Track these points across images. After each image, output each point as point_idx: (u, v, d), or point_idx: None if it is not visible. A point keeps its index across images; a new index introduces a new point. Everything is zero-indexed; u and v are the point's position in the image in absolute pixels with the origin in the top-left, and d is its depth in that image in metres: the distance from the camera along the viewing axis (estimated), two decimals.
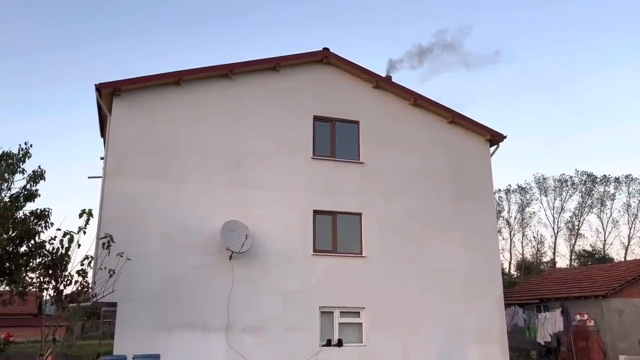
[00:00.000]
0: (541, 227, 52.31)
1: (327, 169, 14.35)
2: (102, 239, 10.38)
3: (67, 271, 10.20)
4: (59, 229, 10.08)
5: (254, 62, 14.29)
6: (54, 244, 10.12)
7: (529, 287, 25.22)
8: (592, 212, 50.37)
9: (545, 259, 50.97)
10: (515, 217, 51.97)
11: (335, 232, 14.05)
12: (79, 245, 10.01)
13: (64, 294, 10.32)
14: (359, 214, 14.31)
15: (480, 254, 14.88)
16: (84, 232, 9.98)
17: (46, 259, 10.21)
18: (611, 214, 49.81)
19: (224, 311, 12.42)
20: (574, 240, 50.13)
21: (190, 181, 13.08)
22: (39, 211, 10.45)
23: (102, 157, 14.31)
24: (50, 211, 10.52)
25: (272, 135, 14.03)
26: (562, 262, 49.22)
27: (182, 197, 12.90)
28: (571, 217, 50.61)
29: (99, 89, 12.66)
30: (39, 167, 10.73)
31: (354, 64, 15.13)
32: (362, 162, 14.71)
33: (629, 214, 49.11)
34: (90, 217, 9.94)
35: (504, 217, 51.28)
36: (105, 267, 10.23)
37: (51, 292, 10.30)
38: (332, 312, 13.46)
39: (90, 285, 10.73)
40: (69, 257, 10.10)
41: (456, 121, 15.74)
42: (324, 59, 14.99)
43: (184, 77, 13.56)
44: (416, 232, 14.57)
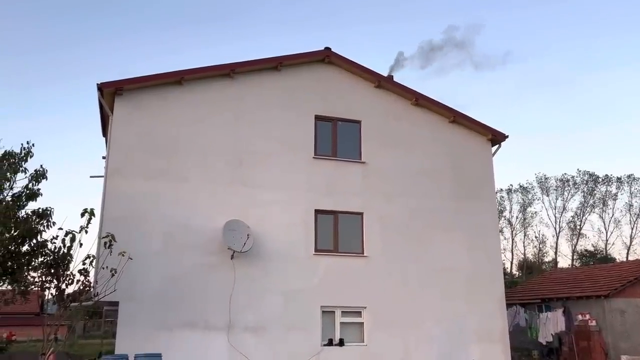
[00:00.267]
0: (543, 226, 52.40)
1: (328, 169, 14.34)
2: (103, 238, 10.38)
3: (69, 270, 10.19)
4: (60, 228, 10.08)
5: (255, 61, 14.30)
6: (55, 243, 10.11)
7: (530, 287, 25.19)
8: (594, 212, 50.40)
9: (547, 259, 50.98)
10: (517, 217, 52.02)
11: (336, 232, 14.05)
12: (81, 244, 10.01)
13: (66, 293, 10.32)
14: (361, 214, 14.30)
15: (481, 253, 14.87)
16: (86, 232, 9.97)
17: (48, 258, 10.21)
18: (613, 214, 49.84)
19: (225, 310, 12.43)
20: (575, 240, 50.14)
21: (191, 180, 13.09)
22: (41, 210, 10.45)
23: (104, 157, 14.33)
24: (52, 210, 10.54)
25: (273, 134, 14.03)
26: (564, 262, 49.25)
27: (184, 197, 12.91)
28: (573, 217, 50.63)
29: (101, 88, 12.67)
30: (41, 166, 10.75)
31: (355, 63, 15.12)
32: (363, 162, 14.70)
33: (631, 214, 49.15)
34: (92, 217, 9.93)
35: (505, 216, 51.29)
36: (107, 267, 10.23)
37: (53, 291, 10.30)
38: (333, 312, 13.46)
39: (92, 284, 10.72)
40: (71, 256, 10.09)
41: (458, 121, 15.72)
42: (326, 58, 14.99)
43: (186, 77, 13.57)
44: (418, 232, 14.56)
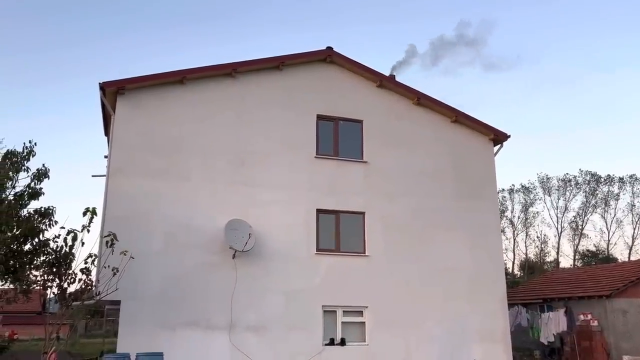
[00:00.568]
0: (545, 227, 52.44)
1: (330, 168, 14.34)
2: (105, 237, 10.38)
3: (71, 269, 10.19)
4: (63, 227, 10.08)
5: (257, 61, 14.30)
6: (58, 242, 10.10)
7: (532, 287, 25.16)
8: (596, 212, 50.27)
9: (548, 259, 50.88)
10: (518, 217, 51.94)
11: (338, 231, 14.05)
12: (83, 243, 9.99)
13: (68, 292, 10.33)
14: (362, 213, 14.30)
15: (483, 253, 14.86)
16: (88, 231, 9.97)
17: (50, 257, 10.20)
18: (615, 214, 49.72)
19: (227, 310, 12.43)
20: (577, 240, 50.04)
21: (193, 180, 13.10)
22: (43, 209, 10.45)
23: (106, 156, 14.35)
24: (54, 209, 10.52)
25: (275, 134, 14.03)
26: (566, 262, 49.16)
27: (186, 196, 12.92)
28: (575, 217, 50.53)
29: (103, 87, 12.69)
30: (43, 165, 10.74)
31: (357, 62, 15.12)
32: (365, 161, 14.70)
33: (633, 214, 49.02)
34: (94, 216, 9.93)
35: (507, 216, 51.23)
36: (108, 266, 10.23)
37: (55, 290, 10.30)
38: (335, 311, 13.46)
39: (93, 283, 10.74)
40: (73, 255, 10.09)
41: (460, 120, 15.71)
42: (328, 57, 14.99)
43: (188, 76, 13.58)
44: (419, 232, 14.55)
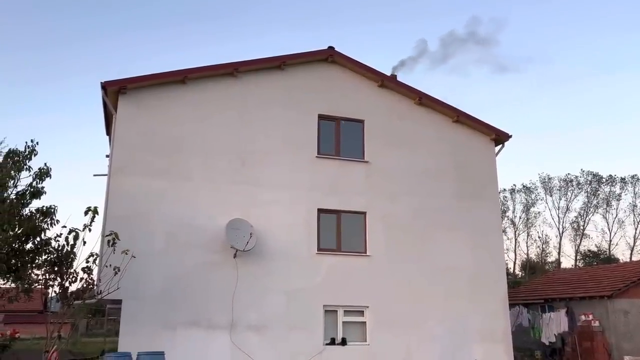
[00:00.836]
0: (546, 227, 52.20)
1: (331, 168, 14.34)
2: (107, 236, 10.39)
3: (72, 268, 10.19)
4: (64, 226, 10.08)
5: (259, 60, 14.30)
6: (59, 241, 10.12)
7: (533, 287, 25.13)
8: (597, 213, 50.19)
9: (550, 259, 50.84)
10: (520, 217, 51.89)
11: (339, 231, 14.06)
12: (84, 242, 10.00)
13: (69, 291, 10.35)
14: (364, 213, 14.30)
15: (485, 253, 14.85)
16: (90, 230, 9.98)
17: (52, 256, 10.21)
18: (617, 215, 49.63)
19: (228, 309, 12.44)
20: (579, 240, 49.97)
21: (195, 179, 13.11)
22: (44, 208, 10.45)
23: (107, 155, 14.37)
24: (56, 208, 10.53)
25: (276, 133, 14.04)
26: (567, 262, 49.09)
27: (187, 195, 12.93)
28: (576, 217, 50.45)
29: (105, 87, 12.70)
30: (45, 164, 10.74)
31: (359, 62, 15.11)
32: (366, 161, 14.70)
33: (634, 215, 48.94)
34: (95, 215, 9.94)
35: (508, 216, 51.18)
36: (110, 265, 10.24)
37: (56, 289, 10.30)
38: (336, 311, 13.47)
39: (95, 282, 10.75)
40: (75, 254, 10.10)
41: (461, 120, 15.70)
42: (329, 57, 14.99)
43: (190, 76, 13.59)
44: (421, 231, 14.55)
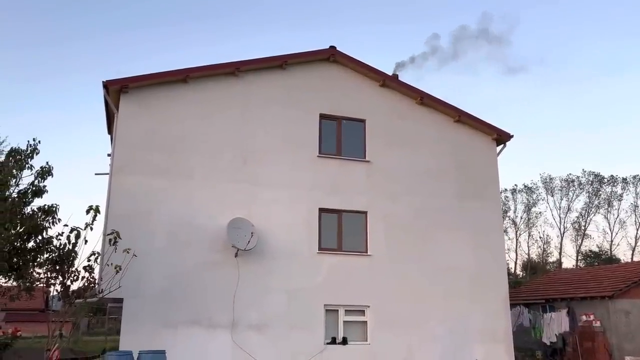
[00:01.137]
0: (547, 227, 52.18)
1: (333, 167, 14.35)
2: (108, 235, 10.41)
3: (74, 267, 10.22)
4: (66, 225, 10.11)
5: (260, 60, 14.31)
6: (61, 240, 10.15)
7: (534, 287, 25.11)
8: (599, 213, 50.16)
9: (551, 259, 50.83)
10: (521, 217, 51.87)
11: (340, 231, 14.06)
12: (86, 241, 10.03)
13: (71, 289, 10.36)
14: (365, 213, 14.30)
15: (486, 253, 14.85)
16: (91, 228, 10.00)
17: (53, 255, 10.24)
18: (618, 215, 49.61)
19: (229, 308, 12.46)
20: (580, 240, 49.94)
21: (196, 178, 13.12)
22: (46, 207, 10.48)
23: (109, 154, 14.39)
24: (57, 207, 10.56)
25: (278, 133, 14.05)
26: (568, 262, 49.08)
27: (189, 194, 12.94)
28: (578, 217, 50.43)
29: (107, 85, 12.71)
30: (47, 163, 10.78)
31: (360, 62, 15.11)
32: (368, 161, 14.70)
33: (636, 215, 48.91)
34: (97, 214, 9.97)
35: (510, 216, 51.19)
36: (111, 263, 10.25)
37: (58, 287, 10.33)
38: (337, 310, 13.48)
39: (96, 281, 10.78)
40: (76, 253, 10.12)
41: (463, 120, 15.69)
42: (331, 57, 14.99)
43: (191, 75, 13.60)
44: (422, 231, 14.55)
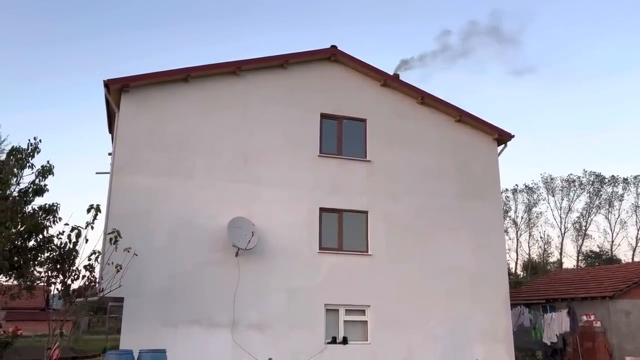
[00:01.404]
0: (548, 227, 52.13)
1: (333, 167, 14.34)
2: (109, 234, 10.42)
3: (74, 266, 10.22)
4: (67, 224, 10.11)
5: (261, 59, 14.31)
6: (62, 239, 10.15)
7: (535, 287, 25.11)
8: (599, 213, 50.09)
9: (552, 260, 50.76)
10: (522, 217, 51.81)
11: (341, 230, 14.06)
12: (87, 240, 10.03)
13: (72, 288, 10.36)
14: (365, 212, 14.30)
15: (486, 253, 14.84)
16: (92, 227, 10.00)
17: (54, 254, 10.24)
18: (619, 215, 49.51)
19: (229, 307, 12.46)
20: (581, 240, 49.88)
21: (197, 178, 13.13)
22: (47, 206, 10.47)
23: (110, 153, 14.39)
24: (58, 206, 10.55)
25: (279, 132, 14.05)
26: (569, 262, 49.04)
27: (189, 194, 12.95)
28: (579, 217, 50.35)
29: (108, 85, 12.72)
30: (48, 162, 10.76)
31: (361, 61, 15.11)
32: (368, 160, 14.69)
33: (637, 215, 48.77)
34: (98, 213, 9.97)
35: (510, 216, 51.12)
36: (112, 262, 10.26)
37: (59, 286, 10.33)
38: (337, 310, 13.48)
39: (97, 280, 10.78)
40: (77, 251, 10.12)
41: (464, 120, 15.69)
42: (332, 56, 14.98)
43: (192, 74, 13.60)
44: (422, 231, 14.54)
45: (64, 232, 10.08)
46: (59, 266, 10.17)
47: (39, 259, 10.45)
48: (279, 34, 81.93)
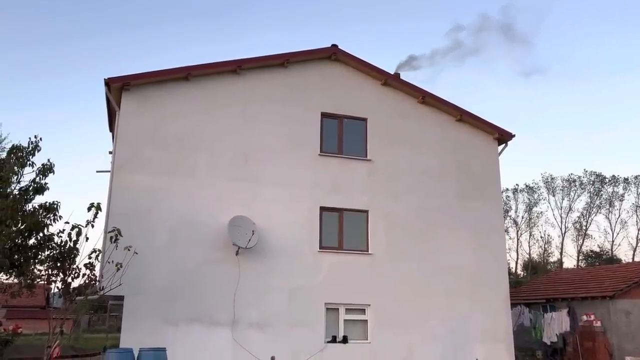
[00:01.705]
0: (548, 227, 52.13)
1: (334, 166, 14.34)
2: (110, 232, 10.42)
3: (75, 264, 10.24)
4: (67, 222, 10.12)
5: (262, 58, 14.31)
6: (62, 237, 10.16)
7: (535, 287, 25.10)
8: (600, 213, 50.09)
9: (552, 259, 50.78)
10: (522, 217, 51.82)
11: (341, 229, 14.06)
12: (87, 238, 10.05)
13: (72, 286, 10.38)
14: (366, 211, 14.30)
15: (487, 252, 14.84)
16: (92, 226, 10.02)
17: (54, 252, 10.25)
18: (619, 215, 49.51)
19: (229, 306, 12.47)
20: (581, 240, 49.89)
21: (197, 176, 13.13)
22: (47, 204, 10.48)
23: (110, 152, 14.38)
24: (58, 204, 10.56)
25: (279, 131, 14.04)
26: (569, 262, 49.05)
27: (190, 192, 12.94)
28: (579, 217, 50.35)
29: (108, 83, 12.72)
30: (48, 160, 10.77)
31: (362, 60, 15.10)
32: (369, 160, 14.69)
33: (637, 215, 48.78)
34: (98, 211, 9.98)
35: (511, 216, 51.13)
36: (112, 261, 10.27)
37: (59, 284, 10.35)
38: (337, 309, 13.48)
39: (97, 278, 10.79)
40: (77, 250, 10.14)
41: (464, 119, 15.68)
42: (333, 55, 14.97)
43: (193, 73, 13.60)
44: (423, 230, 14.54)
45: (64, 230, 10.11)
46: (59, 264, 10.18)
47: (40, 257, 10.46)
48: (280, 32, 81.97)
